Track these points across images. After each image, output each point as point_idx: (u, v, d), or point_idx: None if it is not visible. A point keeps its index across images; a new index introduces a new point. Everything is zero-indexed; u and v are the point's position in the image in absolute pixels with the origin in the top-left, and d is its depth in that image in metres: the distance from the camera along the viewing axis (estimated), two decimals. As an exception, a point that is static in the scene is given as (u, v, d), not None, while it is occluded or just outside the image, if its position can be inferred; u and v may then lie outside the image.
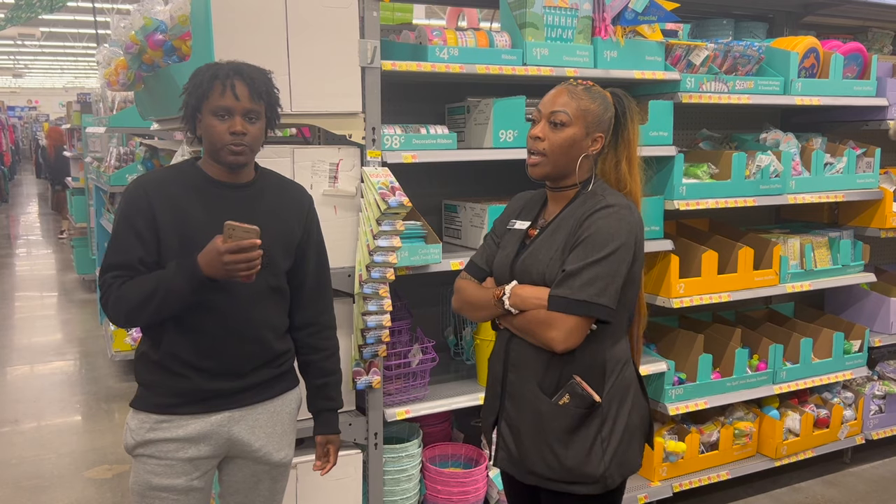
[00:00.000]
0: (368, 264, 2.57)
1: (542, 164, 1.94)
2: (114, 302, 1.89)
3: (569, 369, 1.91)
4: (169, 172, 2.01)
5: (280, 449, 2.11)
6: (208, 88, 1.89)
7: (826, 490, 3.79)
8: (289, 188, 2.12)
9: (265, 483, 2.13)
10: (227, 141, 1.89)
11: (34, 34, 17.85)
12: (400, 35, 2.97)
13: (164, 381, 1.96)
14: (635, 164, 2.03)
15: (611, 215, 1.87)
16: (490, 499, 3.12)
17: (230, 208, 1.95)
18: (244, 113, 1.90)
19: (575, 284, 1.83)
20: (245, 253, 1.80)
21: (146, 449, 1.96)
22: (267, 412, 2.07)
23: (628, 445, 1.96)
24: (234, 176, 1.99)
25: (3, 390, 5.32)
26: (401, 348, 2.90)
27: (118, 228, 1.93)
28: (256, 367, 2.02)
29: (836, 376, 3.85)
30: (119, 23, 2.86)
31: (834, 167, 3.77)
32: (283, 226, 2.04)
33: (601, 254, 1.84)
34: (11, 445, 4.35)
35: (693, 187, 3.29)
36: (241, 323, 1.96)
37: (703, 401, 3.45)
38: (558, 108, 1.92)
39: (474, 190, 3.41)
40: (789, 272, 3.62)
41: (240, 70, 1.91)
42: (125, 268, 1.90)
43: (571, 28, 2.98)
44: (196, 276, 1.83)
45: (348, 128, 2.59)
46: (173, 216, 1.91)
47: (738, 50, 3.37)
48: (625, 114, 1.99)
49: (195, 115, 1.93)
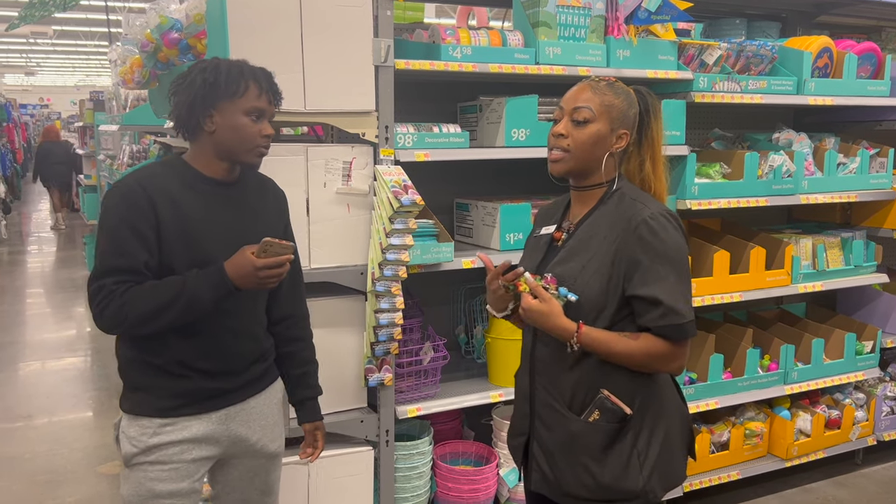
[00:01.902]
0: (381, 262, 2.58)
1: (565, 161, 1.85)
2: (117, 308, 1.80)
3: (598, 383, 1.84)
4: (162, 169, 1.93)
5: (274, 440, 2.14)
6: (238, 87, 1.86)
7: (837, 491, 3.78)
8: (267, 184, 2.12)
9: (260, 476, 2.14)
10: (259, 143, 1.90)
11: (47, 32, 17.94)
12: (413, 34, 2.98)
13: (165, 383, 1.92)
14: (660, 163, 1.94)
15: (667, 226, 1.79)
16: (500, 497, 3.13)
17: (224, 206, 1.94)
18: (271, 117, 1.93)
19: (679, 309, 1.76)
20: (281, 267, 1.84)
21: (149, 455, 1.92)
22: (259, 405, 2.09)
23: (670, 456, 1.89)
24: (230, 174, 1.96)
25: (17, 386, 5.36)
26: (412, 346, 2.91)
27: (117, 231, 1.82)
28: (250, 363, 2.05)
29: (848, 377, 3.84)
30: (134, 21, 2.89)
31: (847, 167, 3.76)
32: (270, 222, 2.06)
33: (681, 270, 1.78)
34: (25, 440, 4.38)
35: (705, 187, 3.29)
36: (238, 322, 1.98)
37: (714, 401, 3.45)
38: (581, 105, 1.84)
39: (486, 189, 3.41)
40: (801, 272, 3.61)
41: (266, 73, 1.92)
42: (130, 272, 1.82)
43: (584, 27, 2.98)
44: (224, 286, 1.83)
45: (361, 126, 2.60)
46: (174, 215, 1.86)
47: (751, 49, 3.37)
48: (648, 111, 1.90)
49: (207, 110, 1.87)
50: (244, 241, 1.89)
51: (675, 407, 1.94)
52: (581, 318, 1.81)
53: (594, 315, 1.81)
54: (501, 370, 3.05)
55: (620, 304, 1.81)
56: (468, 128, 3.05)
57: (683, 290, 1.78)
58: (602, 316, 1.81)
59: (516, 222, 2.94)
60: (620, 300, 1.81)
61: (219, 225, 1.92)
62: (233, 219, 1.95)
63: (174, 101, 1.91)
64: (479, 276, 3.37)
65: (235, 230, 1.94)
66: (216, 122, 1.88)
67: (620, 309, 1.81)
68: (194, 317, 1.86)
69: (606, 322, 1.82)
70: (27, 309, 7.54)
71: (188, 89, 1.87)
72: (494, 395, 3.00)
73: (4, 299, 7.86)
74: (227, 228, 1.92)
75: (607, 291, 1.80)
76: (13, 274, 9.26)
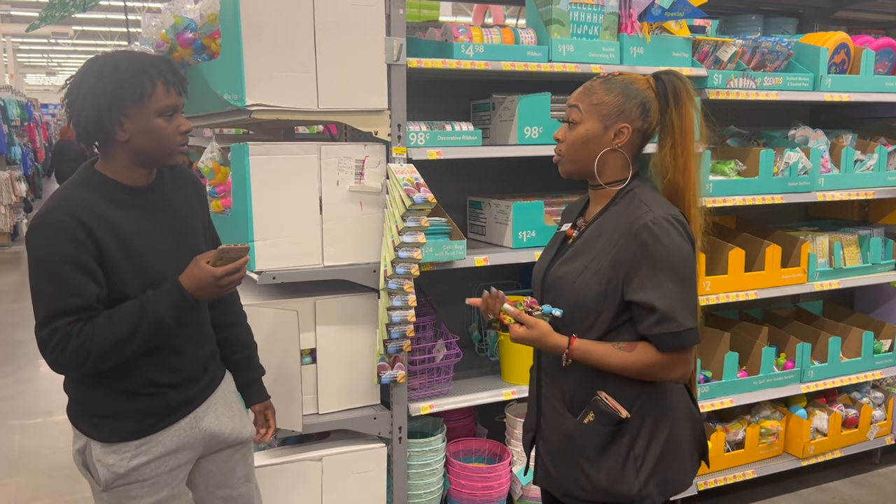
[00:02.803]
0: (393, 260, 2.59)
1: (562, 163, 1.88)
2: (75, 349, 1.69)
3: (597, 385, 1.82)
4: (84, 192, 1.77)
5: (245, 426, 2.13)
6: (144, 88, 1.73)
7: (854, 490, 3.75)
8: (180, 173, 2.02)
9: (240, 464, 2.14)
10: (179, 141, 1.81)
11: (67, 33, 18.14)
12: (426, 32, 2.98)
13: (137, 405, 1.87)
14: (682, 154, 1.82)
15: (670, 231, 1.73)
16: (513, 494, 3.13)
17: (154, 215, 1.86)
18: (182, 108, 1.84)
19: (676, 317, 1.72)
20: (239, 271, 1.81)
21: (129, 477, 1.87)
22: (220, 398, 2.07)
23: (673, 462, 1.84)
24: (149, 178, 1.87)
25: (37, 382, 5.43)
26: (425, 343, 2.92)
27: (59, 270, 1.68)
28: (208, 363, 2.05)
29: (866, 376, 3.80)
30: (150, 21, 2.92)
31: (864, 164, 3.72)
32: (198, 213, 2.02)
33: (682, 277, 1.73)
34: (45, 436, 4.44)
35: (720, 184, 3.27)
36: (196, 328, 1.97)
37: (729, 399, 3.43)
38: (570, 105, 1.85)
39: (499, 186, 3.41)
40: (818, 270, 3.58)
41: (168, 63, 1.80)
42: (82, 311, 1.71)
43: (597, 24, 2.97)
44: (185, 302, 1.78)
45: (374, 125, 2.61)
46: (115, 239, 1.75)
47: (766, 46, 3.34)
48: (666, 97, 1.81)
49: (116, 117, 1.73)
50: (185, 247, 1.86)
51: (684, 412, 1.90)
52: (578, 322, 1.81)
53: (592, 319, 1.80)
54: (514, 368, 3.05)
55: (619, 309, 1.78)
56: (481, 126, 3.05)
57: (684, 297, 1.73)
58: (599, 320, 1.80)
59: (529, 220, 2.94)
60: (619, 304, 1.78)
61: (156, 237, 1.85)
62: (166, 226, 1.89)
63: (74, 114, 1.75)
64: (493, 273, 3.38)
65: (174, 238, 1.89)
66: (128, 130, 1.75)
67: (619, 314, 1.79)
68: (159, 340, 1.81)
69: (604, 327, 1.80)
70: (48, 306, 7.63)
71: (90, 100, 1.72)
72: (507, 392, 3.00)
73: (26, 296, 7.94)
74: (165, 238, 1.86)
75: (605, 294, 1.78)
76: (34, 272, 9.37)
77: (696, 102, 1.85)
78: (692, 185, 1.85)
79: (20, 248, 11.00)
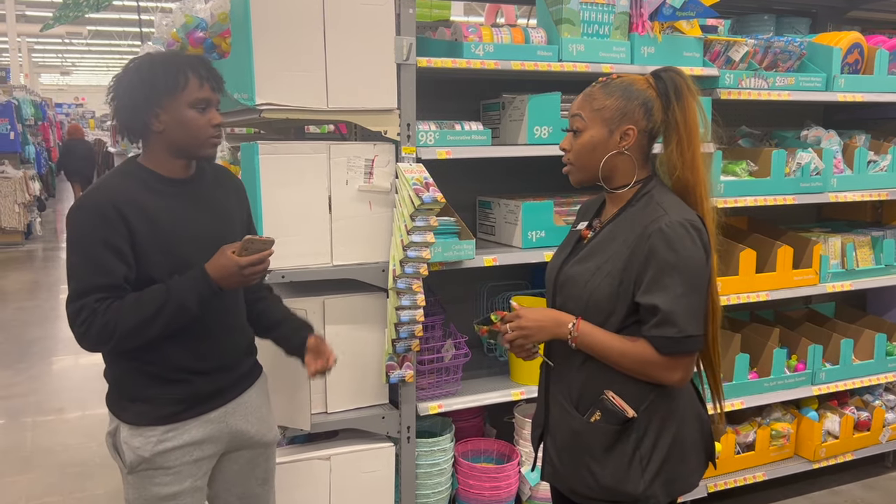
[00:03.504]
0: (402, 259, 2.59)
1: (573, 173, 1.88)
2: (101, 327, 1.77)
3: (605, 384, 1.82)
4: (122, 179, 1.88)
5: (270, 429, 2.17)
6: (178, 81, 1.82)
7: (866, 494, 3.72)
8: (223, 173, 2.11)
9: (260, 466, 2.17)
10: (210, 134, 1.88)
11: (81, 33, 18.29)
12: (436, 32, 2.98)
13: (166, 391, 1.92)
14: (688, 149, 1.80)
15: (683, 237, 1.72)
16: (522, 495, 3.13)
17: (190, 206, 1.93)
18: (217, 104, 1.90)
19: (676, 322, 1.71)
20: (263, 263, 1.85)
21: (154, 462, 1.92)
22: (252, 398, 2.11)
23: (679, 462, 1.84)
24: (188, 171, 1.95)
25: (49, 380, 5.47)
26: (434, 343, 2.91)
27: (89, 248, 1.79)
28: (241, 356, 2.07)
29: (878, 378, 3.77)
30: (161, 21, 2.94)
31: (878, 165, 3.69)
32: (235, 210, 2.07)
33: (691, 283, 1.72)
34: (56, 433, 4.47)
35: (731, 185, 3.25)
36: (228, 318, 2.00)
37: (740, 401, 3.41)
38: (573, 114, 1.85)
39: (509, 186, 3.41)
40: (830, 272, 3.55)
41: (203, 61, 1.88)
42: (109, 289, 1.80)
43: (608, 24, 2.96)
44: (209, 288, 1.83)
45: (383, 124, 2.62)
46: (147, 225, 1.83)
47: (778, 46, 3.32)
48: (667, 94, 1.80)
49: (152, 109, 1.83)
50: (216, 238, 1.89)
51: (692, 413, 1.90)
52: (591, 321, 1.82)
53: (602, 319, 1.81)
54: (523, 369, 3.05)
55: (630, 310, 1.79)
56: (491, 125, 3.05)
57: (690, 303, 1.72)
58: (610, 321, 1.80)
59: (538, 220, 2.94)
60: (630, 306, 1.78)
61: (189, 226, 1.91)
62: (201, 217, 1.94)
63: (114, 106, 1.87)
64: (502, 273, 3.38)
65: (206, 228, 1.93)
66: (163, 121, 1.84)
67: (629, 315, 1.79)
68: (181, 324, 1.85)
69: (614, 327, 1.80)
70: (61, 305, 7.68)
71: (129, 92, 1.84)
72: (516, 393, 3.00)
73: (39, 295, 8.02)
74: (198, 228, 1.91)
75: (617, 296, 1.78)
76: (47, 269, 9.44)
77: (697, 97, 1.84)
78: (701, 180, 1.84)
79: (34, 246, 11.09)
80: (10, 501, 3.64)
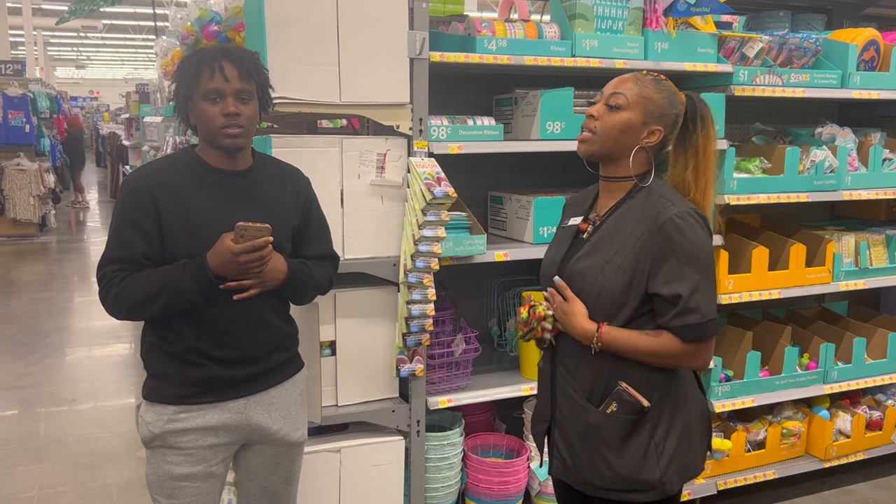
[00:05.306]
0: (413, 254, 2.60)
1: (591, 142, 1.87)
2: (114, 296, 1.88)
3: (617, 375, 1.84)
4: (169, 162, 2.01)
5: (297, 429, 2.15)
6: (196, 73, 1.89)
7: (877, 493, 3.70)
8: (287, 174, 2.13)
9: (284, 464, 2.17)
10: (221, 123, 1.90)
11: (96, 26, 18.38)
12: (449, 26, 2.98)
13: (180, 371, 1.96)
14: (704, 175, 1.89)
15: (694, 226, 1.78)
16: (531, 490, 3.13)
17: (230, 197, 1.96)
18: (235, 94, 1.90)
19: (699, 308, 1.76)
20: (259, 251, 1.85)
21: (165, 440, 1.97)
22: (280, 395, 2.10)
23: (687, 448, 1.89)
24: (232, 162, 1.99)
25: (62, 371, 5.51)
26: (444, 338, 2.92)
27: (119, 222, 1.91)
28: (268, 351, 2.06)
29: (891, 377, 3.74)
30: (176, 14, 2.95)
31: (893, 163, 3.66)
32: (284, 213, 2.05)
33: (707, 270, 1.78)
34: (69, 424, 4.51)
35: (745, 182, 3.24)
36: (251, 310, 1.98)
37: (751, 399, 3.40)
38: (618, 91, 1.85)
39: (520, 181, 3.41)
40: (843, 270, 3.53)
41: (226, 52, 1.92)
42: (127, 262, 1.89)
43: (622, 19, 2.95)
44: (206, 276, 1.86)
45: (396, 118, 2.62)
46: (177, 207, 1.90)
47: (793, 42, 3.30)
48: (695, 119, 1.88)
49: (187, 103, 1.94)
50: None
51: (695, 400, 1.94)
52: (599, 315, 1.84)
53: (614, 311, 1.83)
54: (533, 364, 3.04)
55: (642, 301, 1.82)
56: (503, 120, 3.04)
57: (707, 290, 1.78)
58: (622, 312, 1.83)
59: (550, 215, 2.93)
60: (642, 297, 1.82)
61: (223, 215, 1.92)
62: (241, 208, 1.95)
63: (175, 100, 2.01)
64: (513, 269, 3.38)
65: (243, 219, 1.92)
66: (194, 114, 1.95)
67: (641, 305, 1.83)
68: (182, 307, 1.90)
69: (625, 318, 1.83)
70: (75, 297, 7.74)
71: (174, 89, 1.97)
72: (526, 388, 3.00)
73: (53, 286, 8.08)
74: (234, 218, 1.90)
75: (630, 288, 1.81)
76: (61, 262, 9.51)
77: (715, 130, 1.91)
78: (709, 205, 1.92)
79: (48, 238, 11.17)
80: (23, 491, 3.68)
